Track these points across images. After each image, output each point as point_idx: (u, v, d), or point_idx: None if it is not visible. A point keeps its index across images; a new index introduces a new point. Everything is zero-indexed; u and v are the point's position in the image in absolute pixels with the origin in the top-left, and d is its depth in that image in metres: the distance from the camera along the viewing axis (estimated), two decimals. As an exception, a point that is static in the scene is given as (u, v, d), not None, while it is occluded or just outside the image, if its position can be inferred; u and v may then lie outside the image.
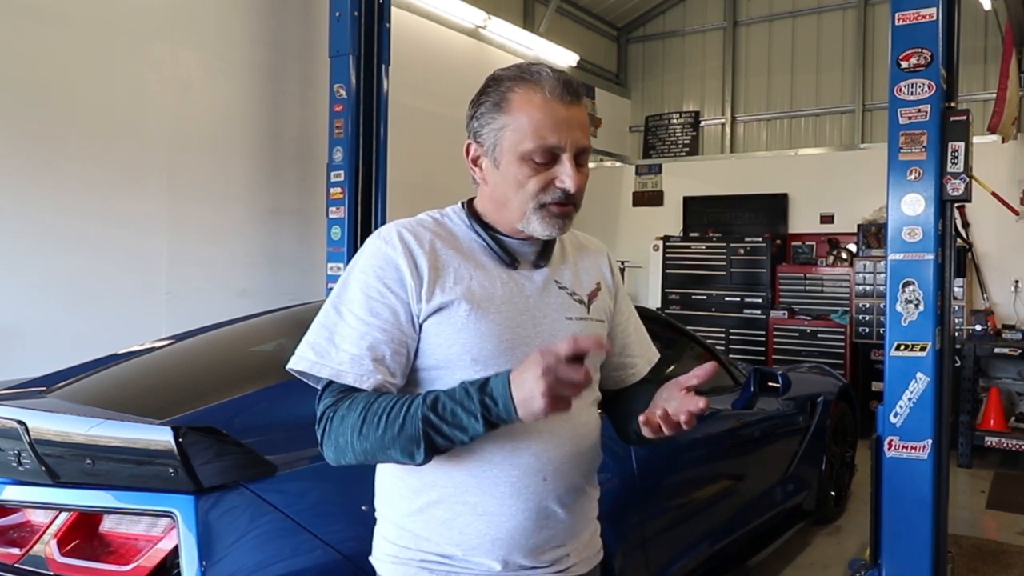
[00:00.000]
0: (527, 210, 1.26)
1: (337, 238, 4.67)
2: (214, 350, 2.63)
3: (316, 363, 1.21)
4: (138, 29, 4.13)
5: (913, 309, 2.87)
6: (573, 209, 1.29)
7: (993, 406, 5.75)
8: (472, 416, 1.12)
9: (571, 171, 1.24)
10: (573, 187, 1.24)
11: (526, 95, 1.24)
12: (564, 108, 1.24)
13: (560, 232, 1.29)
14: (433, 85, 5.94)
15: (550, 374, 1.06)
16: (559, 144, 1.23)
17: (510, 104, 1.25)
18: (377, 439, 1.15)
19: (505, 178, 1.27)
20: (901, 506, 2.89)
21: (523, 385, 1.08)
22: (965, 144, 2.84)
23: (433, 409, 1.13)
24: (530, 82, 1.25)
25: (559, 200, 1.26)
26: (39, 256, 3.73)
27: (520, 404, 1.09)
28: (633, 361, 1.50)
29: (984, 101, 7.19)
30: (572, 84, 1.26)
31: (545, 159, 1.24)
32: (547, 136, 1.23)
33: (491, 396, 1.11)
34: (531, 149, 1.23)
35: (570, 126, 1.24)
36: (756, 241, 7.35)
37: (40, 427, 1.62)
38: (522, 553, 1.27)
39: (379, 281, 1.24)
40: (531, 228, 1.27)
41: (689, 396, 1.18)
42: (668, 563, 2.76)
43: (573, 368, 1.08)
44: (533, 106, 1.23)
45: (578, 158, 1.26)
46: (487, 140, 1.28)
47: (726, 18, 8.92)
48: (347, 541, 1.70)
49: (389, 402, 1.17)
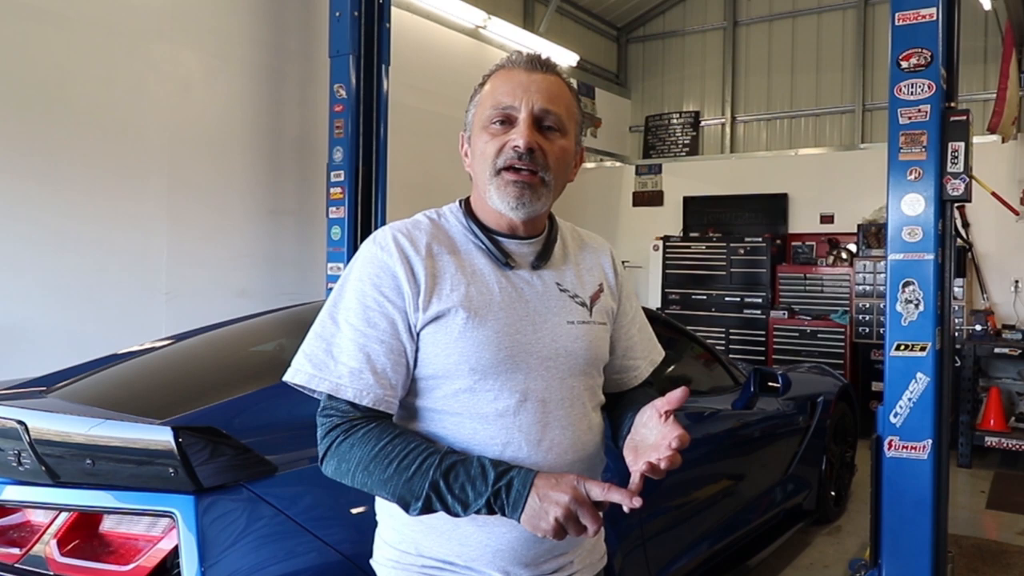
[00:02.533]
0: (486, 179, 1.24)
1: (337, 238, 4.67)
2: (214, 350, 2.63)
3: (314, 376, 1.19)
4: (138, 29, 4.13)
5: (913, 309, 2.87)
6: (534, 178, 1.22)
7: (993, 406, 5.75)
8: (479, 496, 1.10)
9: (524, 129, 1.21)
10: (523, 143, 1.20)
11: (497, 73, 1.28)
12: (525, 74, 1.25)
13: (517, 205, 1.22)
14: (433, 85, 5.94)
15: (572, 508, 1.06)
16: (512, 104, 1.22)
17: (484, 86, 1.29)
18: (380, 481, 1.14)
19: (474, 153, 1.28)
20: (901, 506, 2.89)
21: (544, 502, 1.07)
22: (965, 144, 2.84)
23: (445, 477, 1.12)
24: (504, 63, 1.29)
25: (511, 161, 1.21)
26: (39, 256, 3.73)
27: (528, 514, 1.08)
28: (635, 364, 1.46)
29: (984, 101, 7.19)
30: (541, 58, 1.27)
31: (502, 121, 1.23)
32: (502, 99, 1.23)
33: (507, 488, 1.10)
34: (490, 114, 1.24)
35: (528, 89, 1.23)
36: (756, 241, 7.35)
37: (40, 427, 1.62)
38: (523, 564, 1.24)
39: (375, 290, 1.21)
40: (492, 202, 1.24)
41: (668, 425, 1.14)
42: (668, 563, 2.76)
43: (592, 515, 1.06)
44: (500, 79, 1.27)
45: (541, 122, 1.23)
46: (467, 124, 1.31)
47: (726, 18, 8.92)
48: (347, 542, 1.70)
49: (404, 448, 1.15)
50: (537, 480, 1.09)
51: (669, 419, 1.14)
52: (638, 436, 1.19)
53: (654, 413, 1.17)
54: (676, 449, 1.10)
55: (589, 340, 1.31)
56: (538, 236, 1.32)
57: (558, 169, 1.26)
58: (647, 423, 1.19)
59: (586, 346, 1.30)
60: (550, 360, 1.25)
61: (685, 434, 1.10)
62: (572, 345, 1.28)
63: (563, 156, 1.26)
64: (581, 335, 1.29)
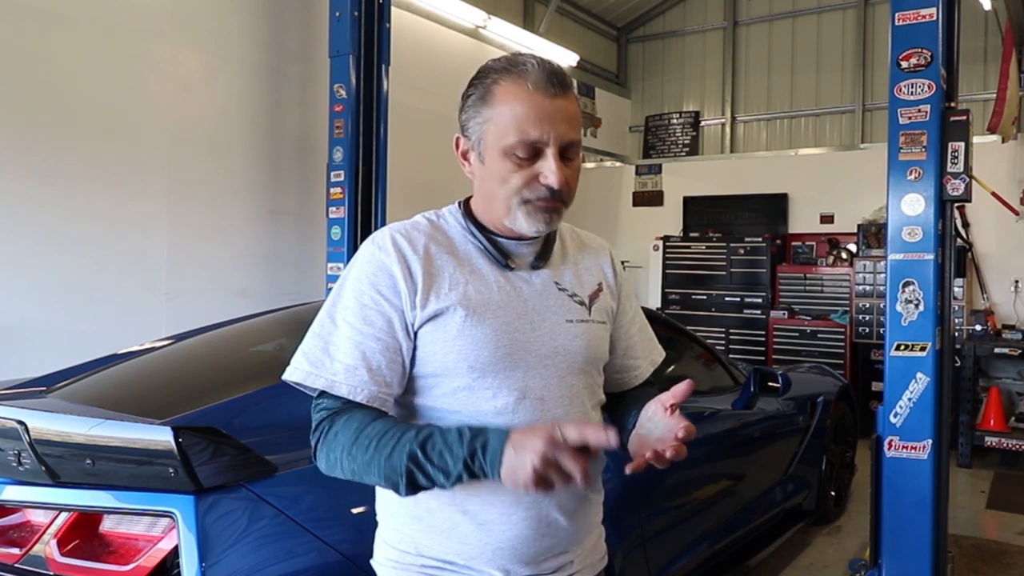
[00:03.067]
0: (512, 206, 1.22)
1: (337, 238, 4.67)
2: (214, 350, 2.63)
3: (310, 373, 1.19)
4: (138, 29, 4.13)
5: (913, 309, 2.87)
6: (561, 205, 1.24)
7: (993, 406, 5.75)
8: (457, 460, 1.08)
9: (555, 166, 1.19)
10: (556, 183, 1.20)
11: (509, 87, 1.20)
12: (548, 100, 1.19)
13: (546, 228, 1.24)
14: (433, 85, 5.93)
15: (548, 453, 1.02)
16: (541, 138, 1.19)
17: (494, 97, 1.21)
18: (364, 463, 1.13)
19: (490, 173, 1.24)
20: (901, 506, 2.89)
21: (519, 451, 1.04)
22: (965, 144, 2.84)
23: (422, 446, 1.10)
24: (514, 74, 1.21)
25: (543, 196, 1.21)
26: (39, 256, 3.72)
27: (506, 467, 1.05)
28: (636, 363, 1.46)
29: (984, 101, 7.19)
30: (558, 75, 1.21)
31: (528, 154, 1.20)
32: (529, 130, 1.18)
33: (483, 446, 1.07)
34: (513, 144, 1.19)
35: (554, 120, 1.19)
36: (756, 241, 7.35)
37: (40, 427, 1.62)
38: (523, 562, 1.24)
39: (373, 288, 1.21)
40: (517, 224, 1.24)
41: (673, 418, 1.14)
42: (668, 563, 2.76)
43: (575, 457, 1.02)
44: (516, 99, 1.19)
45: (565, 152, 1.22)
46: (473, 134, 1.25)
47: (726, 18, 8.92)
48: (347, 542, 1.70)
49: (383, 427, 1.14)
50: (512, 434, 1.07)
51: (675, 412, 1.14)
52: (643, 431, 1.20)
53: (659, 407, 1.17)
54: (682, 440, 1.10)
55: (588, 339, 1.31)
56: (537, 237, 1.31)
57: (575, 189, 1.26)
58: (652, 417, 1.19)
59: (585, 344, 1.30)
60: (548, 358, 1.26)
61: (691, 425, 1.11)
62: (570, 343, 1.28)
63: (577, 177, 1.27)
64: (580, 333, 1.30)
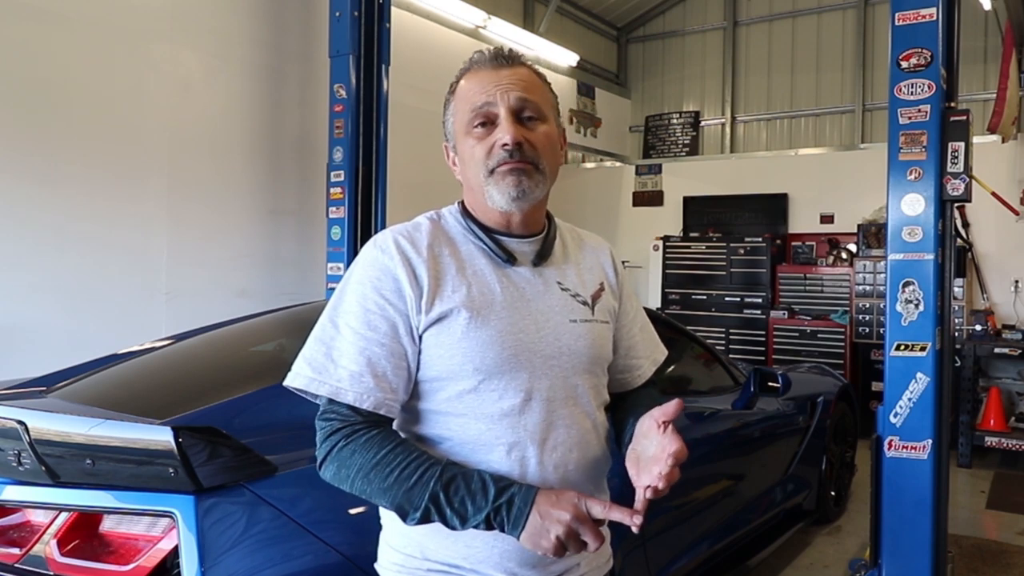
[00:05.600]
0: (483, 182, 1.24)
1: (337, 238, 4.67)
2: (214, 350, 2.63)
3: (314, 380, 1.18)
4: (138, 29, 4.13)
5: (913, 309, 2.87)
6: (527, 165, 1.22)
7: (993, 406, 5.75)
8: (479, 511, 1.10)
9: (507, 126, 1.21)
10: (510, 140, 1.20)
11: (466, 77, 1.28)
12: (494, 71, 1.25)
13: (519, 194, 1.22)
14: (433, 85, 5.87)
15: (574, 525, 1.07)
16: (489, 101, 1.22)
17: (456, 91, 1.29)
18: (380, 490, 1.14)
19: (463, 160, 1.27)
20: (901, 506, 2.89)
21: (545, 520, 1.08)
22: (965, 144, 2.84)
23: (445, 489, 1.12)
24: (471, 66, 1.28)
25: (503, 159, 1.21)
26: (39, 256, 3.72)
27: (529, 532, 1.09)
28: (638, 363, 1.46)
29: (984, 101, 7.19)
30: (506, 50, 1.27)
31: (483, 123, 1.23)
32: (476, 99, 1.23)
33: (508, 505, 1.10)
34: (469, 118, 1.24)
35: (500, 84, 1.23)
36: (756, 241, 7.35)
37: (40, 427, 1.62)
38: (530, 566, 1.23)
39: (376, 293, 1.20)
40: (493, 201, 1.23)
41: (666, 436, 1.13)
42: (668, 563, 2.76)
43: (593, 532, 1.08)
44: (470, 81, 1.26)
45: (520, 114, 1.24)
46: (448, 132, 1.31)
47: (726, 18, 8.92)
48: (347, 543, 1.70)
49: (406, 458, 1.14)
50: (538, 497, 1.10)
51: (667, 430, 1.14)
52: (639, 447, 1.19)
53: (653, 424, 1.17)
54: (673, 466, 1.11)
55: (592, 338, 1.30)
56: (538, 235, 1.31)
57: (548, 154, 1.26)
58: (647, 433, 1.18)
59: (589, 344, 1.30)
60: (553, 359, 1.25)
61: (683, 448, 1.11)
62: (575, 343, 1.28)
63: (549, 141, 1.27)
64: (584, 333, 1.29)
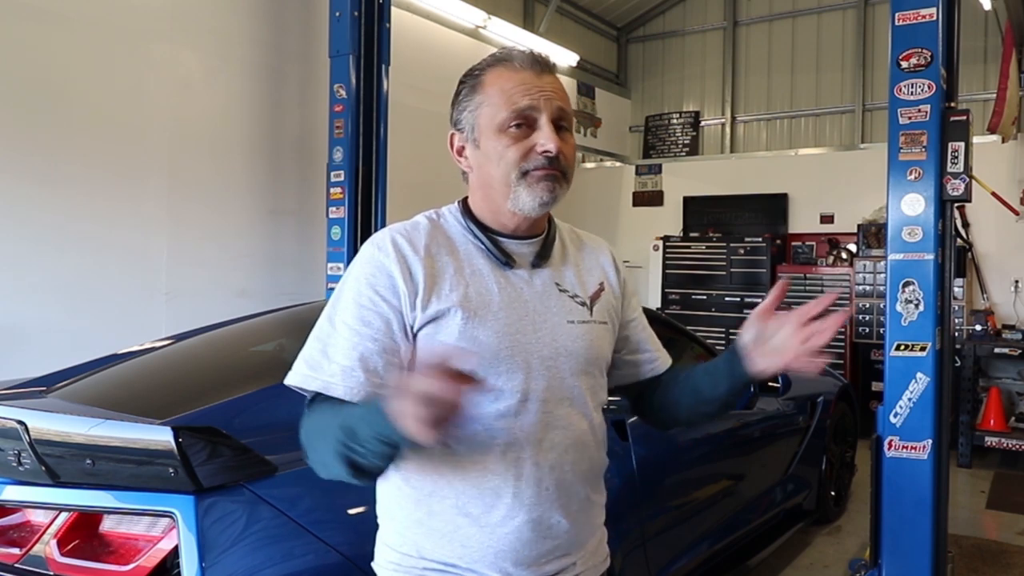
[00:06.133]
0: (511, 182, 1.23)
1: (337, 238, 4.67)
2: (214, 350, 2.63)
3: (308, 376, 1.19)
4: (138, 29, 4.13)
5: (913, 309, 2.87)
6: (560, 175, 1.23)
7: (993, 406, 5.75)
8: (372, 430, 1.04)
9: (550, 133, 1.21)
10: (554, 148, 1.21)
11: (497, 71, 1.26)
12: (536, 76, 1.25)
13: (550, 199, 1.23)
14: (433, 85, 5.92)
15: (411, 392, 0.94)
16: (533, 106, 1.22)
17: (483, 84, 1.26)
18: (327, 453, 1.12)
19: (487, 156, 1.25)
20: (901, 506, 2.89)
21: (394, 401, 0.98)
22: (965, 144, 2.84)
23: (343, 426, 1.08)
24: (501, 62, 1.27)
25: (542, 165, 1.22)
26: (39, 256, 3.72)
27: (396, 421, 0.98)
28: (653, 355, 1.46)
29: (984, 101, 7.19)
30: (543, 57, 1.27)
31: (522, 125, 1.23)
32: (520, 100, 1.22)
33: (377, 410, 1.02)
34: (507, 117, 1.22)
35: (544, 90, 1.23)
36: (756, 241, 7.35)
37: (40, 427, 1.63)
38: (525, 565, 1.23)
39: (371, 289, 1.20)
40: (519, 203, 1.23)
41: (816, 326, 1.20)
42: (668, 563, 2.76)
43: (446, 385, 0.93)
44: (504, 79, 1.24)
45: (558, 123, 1.24)
46: (466, 124, 1.28)
47: (726, 18, 8.91)
48: (347, 543, 1.70)
49: (328, 417, 1.12)
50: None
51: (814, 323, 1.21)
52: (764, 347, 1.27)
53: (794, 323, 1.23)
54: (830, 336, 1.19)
55: (589, 340, 1.30)
56: (538, 236, 1.31)
57: (572, 165, 1.28)
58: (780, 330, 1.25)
59: (586, 345, 1.30)
60: (550, 360, 1.25)
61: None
62: (572, 345, 1.28)
63: (574, 152, 1.29)
64: (581, 334, 1.29)
